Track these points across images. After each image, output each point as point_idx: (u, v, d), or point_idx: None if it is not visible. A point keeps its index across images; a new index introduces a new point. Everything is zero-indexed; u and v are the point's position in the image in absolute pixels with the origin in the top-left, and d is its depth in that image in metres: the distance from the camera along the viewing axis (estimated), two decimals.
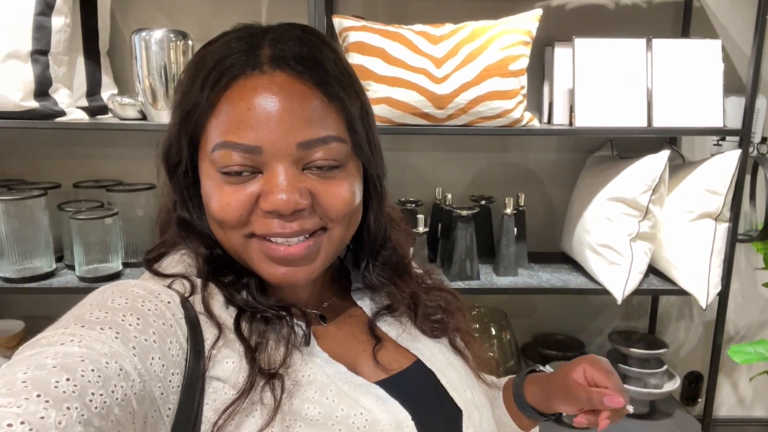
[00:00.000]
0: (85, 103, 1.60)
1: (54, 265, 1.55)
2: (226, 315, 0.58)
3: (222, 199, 0.56)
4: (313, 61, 0.57)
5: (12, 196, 1.48)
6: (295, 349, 0.58)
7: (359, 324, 0.68)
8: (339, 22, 1.45)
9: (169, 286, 0.58)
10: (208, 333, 0.56)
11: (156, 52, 1.41)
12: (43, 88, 1.43)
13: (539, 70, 1.66)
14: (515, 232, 1.58)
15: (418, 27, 1.44)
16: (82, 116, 1.50)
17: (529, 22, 1.43)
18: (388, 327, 0.68)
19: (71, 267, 1.56)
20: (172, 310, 0.54)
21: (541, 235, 1.82)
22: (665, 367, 1.65)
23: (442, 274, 0.86)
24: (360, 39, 1.41)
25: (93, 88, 1.63)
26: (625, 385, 1.57)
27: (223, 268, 0.61)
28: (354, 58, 1.41)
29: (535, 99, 1.67)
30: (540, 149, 1.79)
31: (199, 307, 0.57)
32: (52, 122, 1.44)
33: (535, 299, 1.88)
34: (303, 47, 0.57)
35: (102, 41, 1.63)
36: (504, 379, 0.84)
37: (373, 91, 1.40)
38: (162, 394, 0.49)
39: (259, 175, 0.56)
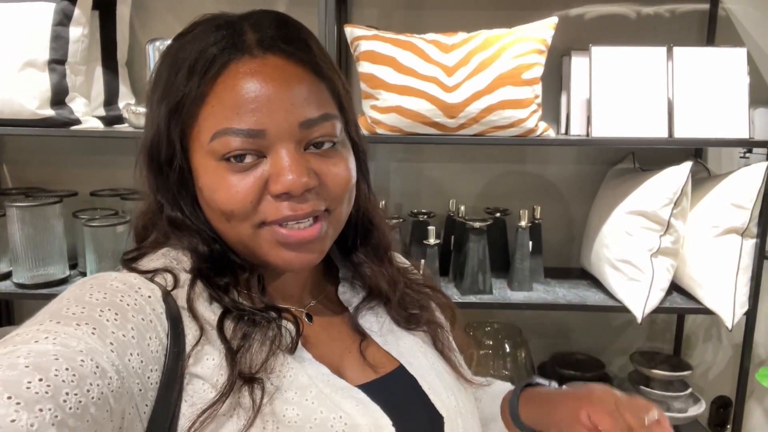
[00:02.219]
0: (102, 112, 1.63)
1: (67, 272, 1.56)
2: (210, 312, 0.57)
3: (229, 189, 0.55)
4: (300, 42, 0.57)
5: (28, 203, 1.50)
6: (279, 350, 0.57)
7: (344, 323, 0.68)
8: (350, 31, 1.44)
9: (151, 280, 0.56)
10: (190, 329, 0.54)
11: None
12: (59, 96, 1.45)
13: (557, 80, 1.62)
14: (530, 246, 1.53)
15: (430, 36, 1.42)
16: (98, 125, 1.52)
17: (543, 30, 1.39)
18: (367, 321, 0.68)
19: (84, 274, 1.57)
20: (153, 305, 0.53)
21: (559, 250, 1.76)
22: (689, 390, 1.57)
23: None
24: (371, 48, 1.40)
25: (110, 98, 1.65)
26: None
27: (221, 266, 0.60)
28: (364, 67, 1.40)
29: (552, 110, 1.63)
30: (558, 161, 1.75)
31: (182, 302, 0.56)
32: (67, 130, 1.46)
33: (553, 316, 1.81)
34: (286, 30, 0.58)
35: (120, 51, 1.65)
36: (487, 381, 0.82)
37: (384, 99, 1.38)
38: (140, 390, 0.49)
39: (263, 159, 0.55)
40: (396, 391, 0.62)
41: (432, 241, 1.48)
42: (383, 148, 1.75)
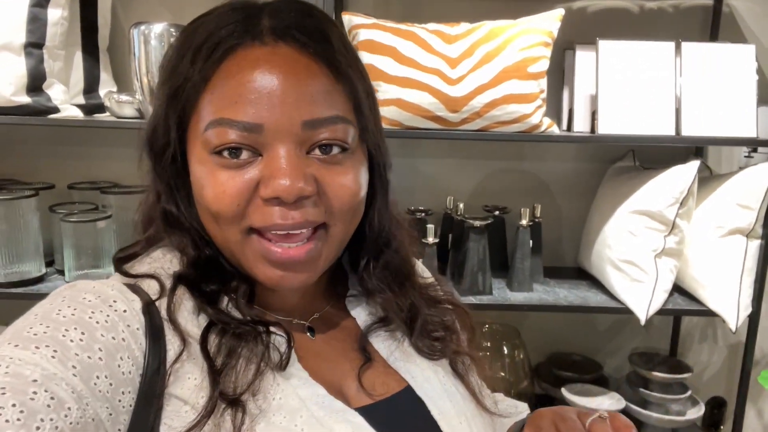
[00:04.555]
0: (81, 100, 1.53)
1: (43, 270, 1.47)
2: (193, 325, 0.52)
3: (217, 186, 0.50)
4: (319, 34, 0.52)
5: (1, 196, 1.41)
6: (269, 369, 0.52)
7: (351, 338, 0.62)
8: (349, 19, 1.37)
9: (135, 288, 0.52)
10: (172, 345, 0.50)
11: (155, 47, 1.34)
12: (36, 82, 1.36)
13: (558, 74, 1.57)
14: (530, 245, 1.49)
15: (432, 26, 1.36)
16: (77, 113, 1.43)
17: (550, 22, 1.34)
18: (381, 343, 0.62)
19: (61, 272, 1.48)
20: (128, 321, 0.48)
21: (558, 249, 1.73)
22: (689, 392, 1.54)
23: (453, 289, 0.76)
24: (370, 37, 1.34)
25: (91, 85, 1.56)
26: (646, 411, 1.48)
27: (208, 272, 0.55)
28: (363, 57, 1.34)
29: (553, 105, 1.58)
30: (558, 158, 1.70)
31: (164, 313, 0.51)
32: (45, 119, 1.36)
33: (550, 316, 1.78)
34: (306, 19, 0.52)
35: (102, 36, 1.56)
36: (509, 404, 0.77)
37: (383, 92, 1.32)
38: (111, 414, 0.45)
39: (258, 158, 0.50)
40: (400, 415, 0.57)
41: (431, 239, 1.43)
42: None
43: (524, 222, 1.48)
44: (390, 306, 0.62)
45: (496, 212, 1.60)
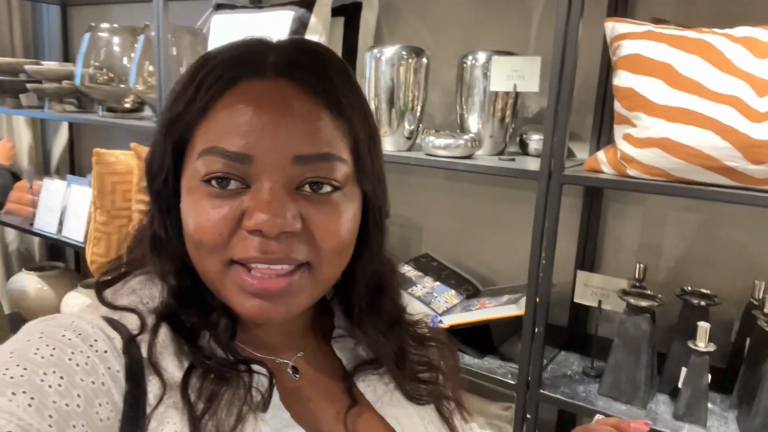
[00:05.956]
0: None
1: None
2: (175, 367, 0.51)
3: (200, 215, 0.49)
4: (322, 72, 0.51)
5: None
6: (250, 411, 0.50)
7: (336, 380, 0.60)
8: (611, 27, 1.02)
9: (115, 323, 0.51)
10: (152, 386, 0.49)
11: (385, 72, 1.24)
12: None
13: None
14: None
15: (739, 31, 0.91)
16: None
17: None
18: (367, 386, 0.60)
19: None
20: (108, 362, 0.47)
21: None
22: None
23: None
24: (636, 50, 0.96)
25: None
26: None
27: (189, 304, 0.54)
28: (622, 79, 0.97)
29: None
30: None
31: (146, 352, 0.50)
32: None
33: None
34: (311, 57, 0.53)
35: (360, 60, 1.55)
36: None
37: (643, 127, 0.93)
38: None
39: (246, 190, 0.49)
40: None
41: (702, 345, 0.97)
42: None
43: None
44: (380, 350, 0.61)
45: None
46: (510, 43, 1.37)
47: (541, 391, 1.09)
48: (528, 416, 1.11)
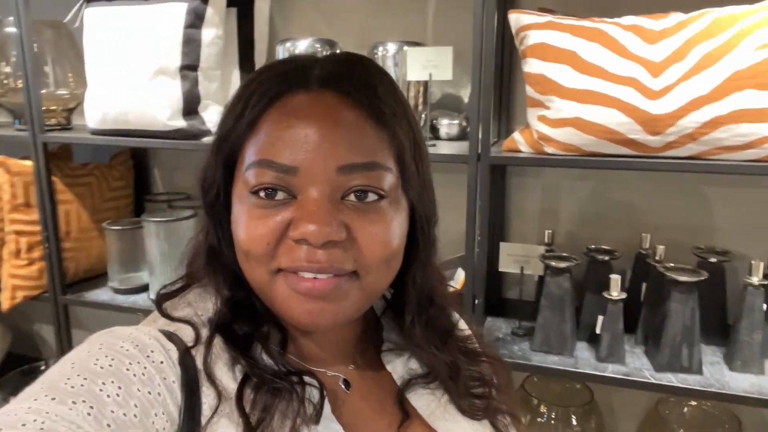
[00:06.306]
0: None
1: None
2: (229, 378, 0.52)
3: (249, 226, 0.51)
4: (365, 83, 0.53)
5: (162, 217, 1.43)
6: (303, 423, 0.51)
7: (388, 394, 0.60)
8: (516, 18, 1.11)
9: (171, 336, 0.52)
10: (207, 397, 0.50)
11: None
12: (191, 105, 1.34)
13: None
14: (764, 311, 1.09)
15: (628, 20, 1.04)
16: None
17: None
18: (419, 400, 0.60)
19: None
20: (164, 373, 0.48)
21: None
22: None
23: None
24: (542, 40, 1.06)
25: None
26: None
27: (242, 314, 0.56)
28: (532, 66, 1.07)
29: None
30: None
31: (200, 363, 0.51)
32: (199, 143, 1.34)
33: None
34: (354, 69, 0.54)
35: (258, 52, 1.51)
36: None
37: (556, 109, 1.04)
38: None
39: (293, 200, 0.51)
40: None
41: (615, 294, 1.12)
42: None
43: (756, 279, 1.08)
44: (433, 364, 0.61)
45: (713, 258, 1.21)
46: (408, 32, 1.42)
47: None
48: None
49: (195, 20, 1.32)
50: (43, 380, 0.45)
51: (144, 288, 1.53)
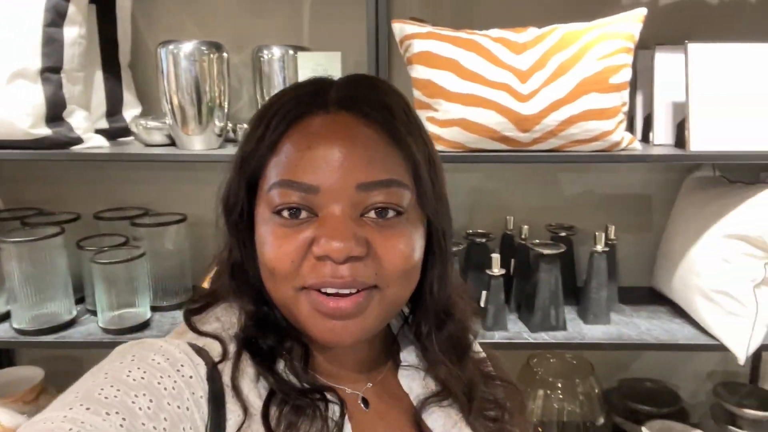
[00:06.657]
0: (105, 124, 1.41)
1: (74, 312, 1.35)
2: (255, 395, 0.53)
3: (274, 244, 0.52)
4: (380, 104, 0.55)
5: (25, 237, 1.29)
6: None
7: (404, 413, 0.61)
8: (400, 27, 1.21)
9: (200, 350, 0.53)
10: (233, 413, 0.51)
11: (186, 68, 1.19)
12: (56, 111, 1.23)
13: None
14: (606, 272, 1.34)
15: (496, 32, 1.20)
16: (102, 142, 1.29)
17: (631, 24, 1.17)
18: (435, 421, 0.61)
19: (93, 312, 1.37)
20: (193, 387, 0.49)
21: (629, 268, 1.56)
22: None
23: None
24: (426, 48, 1.18)
25: (114, 107, 1.42)
26: None
27: (266, 330, 0.57)
28: (419, 72, 1.18)
29: None
30: (629, 168, 1.54)
31: (227, 378, 0.52)
32: (68, 152, 1.23)
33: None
34: (370, 91, 0.57)
35: (122, 52, 1.42)
36: None
37: (444, 111, 1.16)
38: None
39: (315, 218, 0.52)
40: None
41: (496, 270, 1.29)
42: None
43: (599, 247, 1.33)
44: (449, 380, 0.62)
45: (563, 233, 1.45)
46: (280, 35, 1.44)
47: None
48: None
49: (55, 18, 1.20)
50: (77, 389, 0.45)
51: (4, 317, 1.36)
